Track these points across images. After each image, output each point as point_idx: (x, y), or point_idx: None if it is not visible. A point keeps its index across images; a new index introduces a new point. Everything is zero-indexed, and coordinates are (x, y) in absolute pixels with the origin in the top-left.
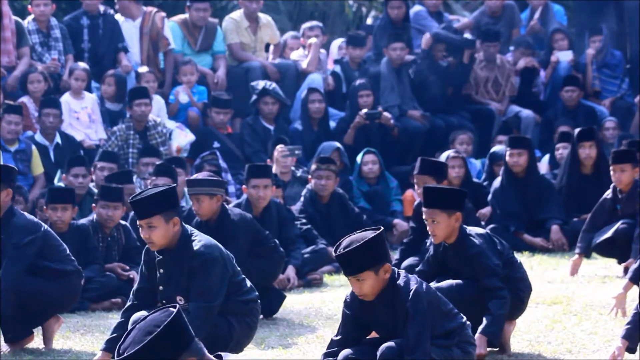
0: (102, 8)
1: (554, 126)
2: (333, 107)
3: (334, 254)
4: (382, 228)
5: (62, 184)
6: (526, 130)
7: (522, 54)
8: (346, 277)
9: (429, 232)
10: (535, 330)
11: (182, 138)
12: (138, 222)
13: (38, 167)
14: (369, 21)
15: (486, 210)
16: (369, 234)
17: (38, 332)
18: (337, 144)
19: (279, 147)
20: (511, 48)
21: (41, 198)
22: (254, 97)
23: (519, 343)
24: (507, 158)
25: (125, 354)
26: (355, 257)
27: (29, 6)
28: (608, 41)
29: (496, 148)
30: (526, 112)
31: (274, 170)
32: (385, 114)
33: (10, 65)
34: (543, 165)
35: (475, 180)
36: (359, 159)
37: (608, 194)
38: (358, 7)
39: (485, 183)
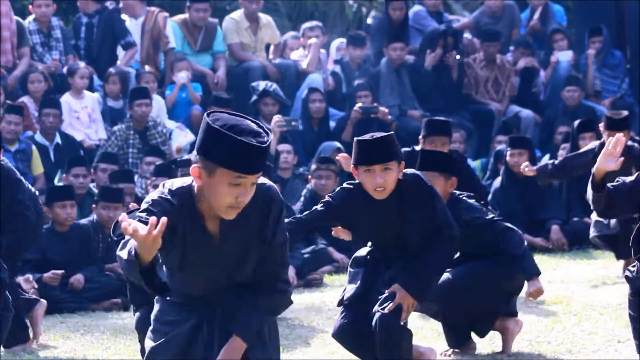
0: (108, 4)
1: (554, 126)
2: (333, 107)
3: (361, 140)
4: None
5: (62, 184)
6: (526, 130)
7: (522, 54)
8: (368, 168)
9: None
10: (535, 330)
11: (182, 138)
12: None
13: (38, 167)
14: (369, 21)
15: None
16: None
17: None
18: (338, 144)
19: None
20: (511, 48)
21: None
22: (254, 97)
23: (519, 343)
24: (508, 158)
25: None
26: (386, 145)
27: (30, 6)
28: (608, 41)
29: (502, 147)
30: (526, 112)
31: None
32: (382, 108)
33: (7, 65)
34: None
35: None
36: None
37: (596, 147)
38: (358, 7)
39: (489, 182)
